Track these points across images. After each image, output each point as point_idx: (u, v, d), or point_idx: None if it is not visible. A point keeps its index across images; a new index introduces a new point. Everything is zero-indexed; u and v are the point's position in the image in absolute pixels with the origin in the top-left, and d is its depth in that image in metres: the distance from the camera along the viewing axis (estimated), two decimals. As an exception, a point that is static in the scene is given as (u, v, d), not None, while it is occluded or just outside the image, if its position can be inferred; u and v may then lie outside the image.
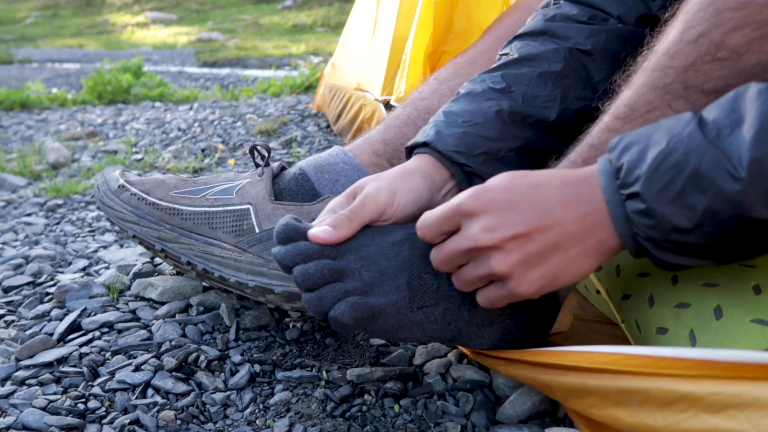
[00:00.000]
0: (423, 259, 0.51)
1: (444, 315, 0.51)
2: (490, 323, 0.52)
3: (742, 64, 0.43)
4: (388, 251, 0.51)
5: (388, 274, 0.50)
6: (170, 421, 0.55)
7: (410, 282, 0.50)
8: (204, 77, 5.55)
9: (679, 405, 0.37)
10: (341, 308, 0.48)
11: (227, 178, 0.71)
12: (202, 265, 0.67)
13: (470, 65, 0.76)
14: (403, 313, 0.49)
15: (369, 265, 0.50)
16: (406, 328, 0.50)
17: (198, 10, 15.77)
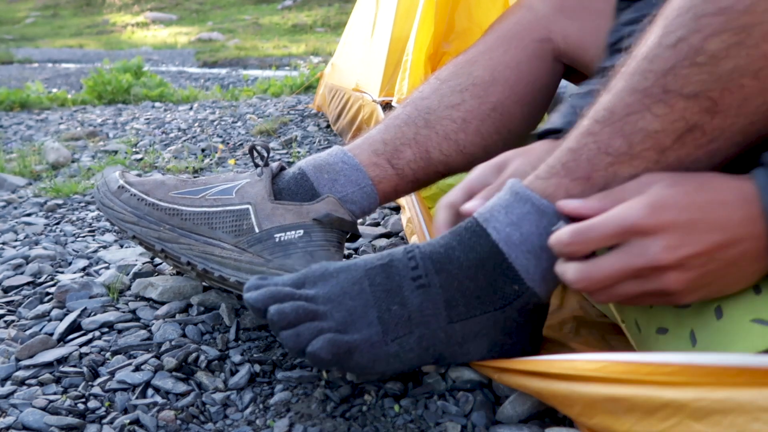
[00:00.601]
0: (386, 293, 0.52)
1: (420, 341, 0.51)
2: (474, 338, 0.52)
3: (721, 69, 0.43)
4: (350, 290, 0.52)
5: (357, 313, 0.51)
6: (170, 421, 0.55)
7: (380, 316, 0.51)
8: (204, 77, 5.55)
9: (663, 412, 0.37)
10: (318, 344, 0.49)
11: (226, 178, 0.71)
12: (202, 265, 0.67)
13: (471, 64, 0.76)
14: (378, 347, 0.51)
15: (337, 306, 0.52)
16: (382, 361, 0.51)
17: (198, 10, 15.77)
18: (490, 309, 0.52)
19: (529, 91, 0.76)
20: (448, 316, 0.51)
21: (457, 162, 0.74)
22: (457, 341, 0.52)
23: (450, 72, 0.77)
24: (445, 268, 0.52)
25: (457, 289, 0.51)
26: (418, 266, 0.52)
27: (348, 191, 0.69)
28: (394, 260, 0.53)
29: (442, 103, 0.74)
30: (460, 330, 0.52)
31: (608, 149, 0.48)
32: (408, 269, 0.53)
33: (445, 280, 0.51)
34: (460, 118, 0.73)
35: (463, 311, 0.52)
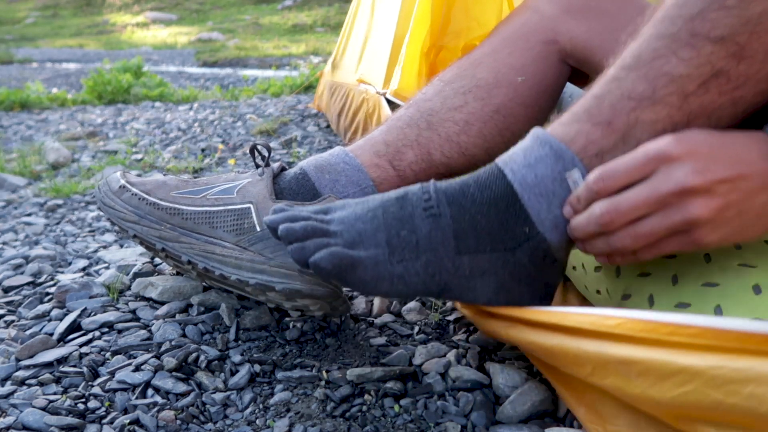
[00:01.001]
0: (397, 220, 0.53)
1: (426, 267, 0.52)
2: (481, 275, 0.52)
3: (750, 12, 0.43)
4: (363, 216, 0.54)
5: (367, 234, 0.53)
6: (170, 421, 0.55)
7: (389, 239, 0.52)
8: (204, 77, 5.54)
9: (679, 378, 0.36)
10: (321, 254, 0.50)
11: (228, 178, 0.71)
12: (203, 264, 0.67)
13: (475, 66, 0.76)
14: (383, 266, 0.51)
15: (348, 228, 0.53)
16: (385, 280, 0.52)
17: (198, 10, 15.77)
18: (500, 248, 0.52)
19: (533, 93, 0.76)
20: (456, 246, 0.52)
21: (459, 164, 0.74)
22: (464, 274, 0.52)
23: (454, 74, 0.77)
24: (457, 201, 0.53)
25: (468, 223, 0.52)
26: (431, 198, 0.53)
27: (349, 192, 0.69)
28: (409, 193, 0.55)
29: (445, 105, 0.74)
30: (468, 263, 0.52)
31: (631, 94, 0.48)
32: (421, 200, 0.54)
33: (457, 212, 0.52)
34: (462, 120, 0.73)
35: (472, 245, 0.52)
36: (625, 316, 0.40)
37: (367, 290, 0.53)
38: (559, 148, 0.50)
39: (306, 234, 0.52)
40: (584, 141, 0.50)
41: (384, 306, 0.76)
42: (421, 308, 0.76)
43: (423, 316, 0.74)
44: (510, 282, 0.53)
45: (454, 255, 0.52)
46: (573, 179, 0.49)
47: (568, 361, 0.46)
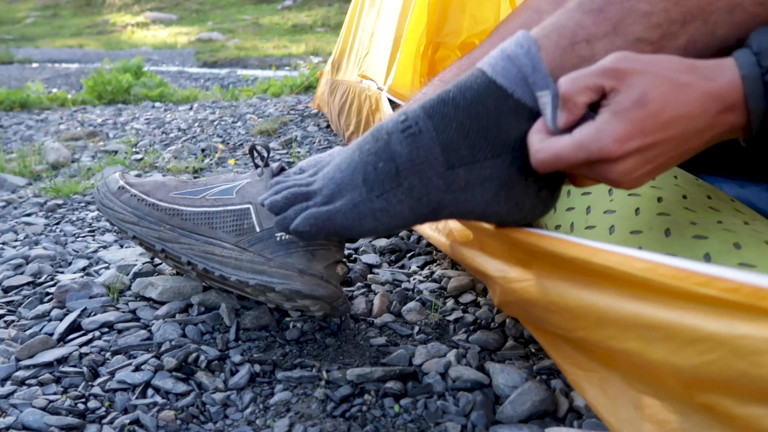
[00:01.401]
0: (373, 155, 0.50)
1: (410, 192, 0.49)
2: (481, 183, 0.49)
3: None
4: (341, 164, 0.53)
5: (344, 182, 0.51)
6: (170, 421, 0.55)
7: (365, 177, 0.50)
8: (204, 77, 5.54)
9: (703, 345, 0.35)
10: (298, 220, 0.51)
11: (227, 178, 0.71)
12: (203, 265, 0.67)
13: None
14: (362, 206, 0.50)
15: (328, 182, 0.53)
16: (369, 218, 0.50)
17: (198, 10, 15.77)
18: (503, 151, 0.49)
19: None
20: (446, 161, 0.49)
21: None
22: (460, 186, 0.49)
23: (454, 74, 0.77)
24: (439, 110, 0.49)
25: (457, 131, 0.49)
26: (407, 118, 0.50)
27: (348, 191, 0.69)
28: (383, 123, 0.52)
29: None
30: (464, 175, 0.49)
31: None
32: (397, 124, 0.50)
33: (441, 123, 0.49)
34: None
35: (467, 155, 0.49)
36: (657, 260, 0.39)
37: (354, 234, 0.51)
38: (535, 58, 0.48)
39: (287, 202, 0.53)
40: (573, 26, 0.48)
41: (384, 306, 0.76)
42: (421, 308, 0.76)
43: (423, 316, 0.74)
44: (516, 177, 0.50)
45: (444, 170, 0.49)
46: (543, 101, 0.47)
47: (589, 323, 0.44)
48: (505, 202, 0.50)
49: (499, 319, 0.73)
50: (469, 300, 0.78)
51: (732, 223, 0.56)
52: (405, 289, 0.81)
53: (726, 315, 0.35)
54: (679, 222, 0.55)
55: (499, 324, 0.72)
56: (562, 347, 0.52)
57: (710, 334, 0.35)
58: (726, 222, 0.56)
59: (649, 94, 0.42)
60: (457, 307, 0.77)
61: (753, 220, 0.59)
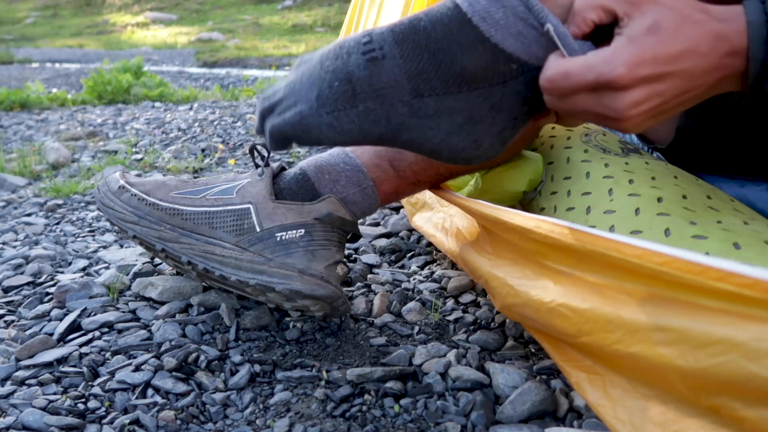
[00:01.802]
0: (330, 73, 0.49)
1: (365, 114, 0.49)
2: (450, 113, 0.49)
3: None
4: (303, 74, 0.52)
5: (301, 94, 0.51)
6: (170, 421, 0.55)
7: (319, 93, 0.50)
8: (204, 77, 5.54)
9: (715, 348, 0.35)
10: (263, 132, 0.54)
11: (227, 178, 0.71)
12: (203, 265, 0.67)
13: None
14: (309, 119, 0.50)
15: (289, 93, 0.52)
16: (315, 129, 0.50)
17: (198, 10, 15.77)
18: (478, 86, 0.48)
19: None
20: (414, 89, 0.48)
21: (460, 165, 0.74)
22: (427, 114, 0.49)
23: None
24: (409, 38, 0.47)
25: (428, 61, 0.47)
26: (371, 40, 0.48)
27: (349, 192, 0.69)
28: (347, 39, 0.50)
29: None
30: (434, 104, 0.48)
31: None
32: (359, 45, 0.49)
33: (410, 51, 0.47)
34: None
35: (438, 86, 0.48)
36: (675, 254, 0.39)
37: (302, 142, 0.52)
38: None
39: (261, 117, 0.54)
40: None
41: (384, 306, 0.76)
42: (421, 308, 0.76)
43: (423, 316, 0.74)
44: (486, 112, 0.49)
45: (411, 98, 0.48)
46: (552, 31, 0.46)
47: (598, 327, 0.44)
48: (465, 136, 0.50)
49: (499, 319, 0.73)
50: (469, 300, 0.78)
51: (731, 223, 0.56)
52: (405, 289, 0.81)
53: (740, 317, 0.35)
54: (678, 222, 0.55)
55: (499, 324, 0.72)
56: (564, 349, 0.52)
57: (724, 337, 0.35)
58: (725, 222, 0.56)
59: (661, 22, 0.43)
60: (457, 307, 0.77)
61: (752, 220, 0.59)
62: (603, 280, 0.45)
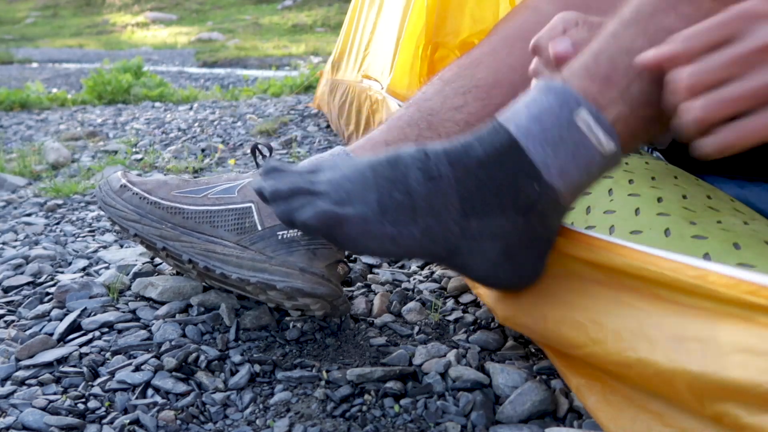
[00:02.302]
0: (389, 181, 0.50)
1: (426, 232, 0.50)
2: (491, 237, 0.51)
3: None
4: (351, 176, 0.51)
5: (355, 194, 0.50)
6: (170, 421, 0.55)
7: (380, 199, 0.50)
8: (204, 77, 5.54)
9: (731, 353, 0.36)
10: (308, 213, 0.49)
11: (229, 178, 0.71)
12: (204, 263, 0.67)
13: (475, 66, 0.76)
14: (372, 225, 0.49)
15: (336, 188, 0.51)
16: (375, 239, 0.50)
17: (198, 10, 15.77)
18: (510, 213, 0.50)
19: None
20: (462, 209, 0.50)
21: None
22: (473, 236, 0.51)
23: (453, 73, 0.76)
24: (461, 162, 0.50)
25: (474, 185, 0.50)
26: (429, 158, 0.51)
27: (348, 191, 0.68)
28: (402, 154, 0.52)
29: (445, 105, 0.73)
30: (476, 226, 0.50)
31: (630, 49, 0.47)
32: (417, 161, 0.51)
33: (462, 174, 0.50)
34: (462, 121, 0.73)
35: (479, 208, 0.50)
36: (709, 268, 0.39)
37: (356, 247, 0.51)
38: (563, 93, 0.48)
39: (292, 193, 0.51)
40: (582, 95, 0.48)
41: (384, 306, 0.76)
42: (421, 308, 0.76)
43: (423, 316, 0.74)
44: (517, 247, 0.52)
45: (460, 218, 0.50)
46: (582, 119, 0.47)
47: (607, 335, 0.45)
48: (507, 269, 0.53)
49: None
50: (469, 300, 0.78)
51: (731, 223, 0.56)
52: (405, 289, 0.81)
53: (760, 325, 0.36)
54: (678, 222, 0.55)
55: (499, 324, 0.72)
56: (565, 354, 0.52)
57: (739, 342, 0.36)
58: (725, 222, 0.56)
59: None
60: (457, 307, 0.77)
61: (752, 220, 0.59)
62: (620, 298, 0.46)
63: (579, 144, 0.48)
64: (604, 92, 0.47)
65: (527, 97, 0.51)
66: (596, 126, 0.47)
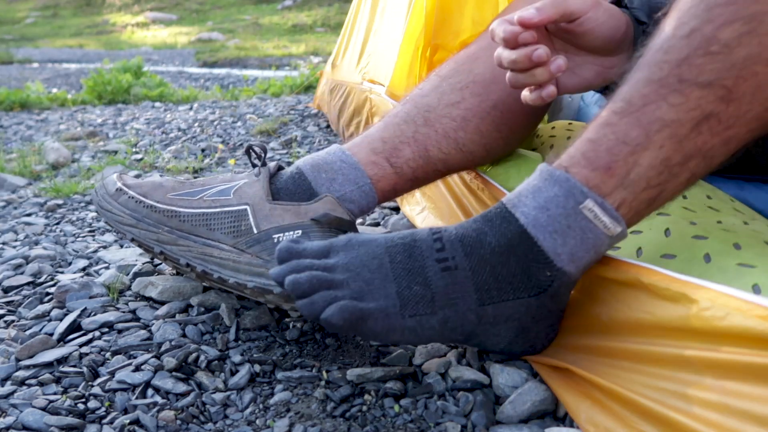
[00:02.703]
0: (407, 272, 0.52)
1: (444, 323, 0.52)
2: (505, 321, 0.53)
3: (734, 57, 0.44)
4: (369, 263, 0.53)
5: (375, 284, 0.52)
6: (170, 421, 0.55)
7: (400, 292, 0.52)
8: (204, 77, 5.54)
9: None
10: (332, 311, 0.50)
11: (224, 179, 0.71)
12: (201, 267, 0.67)
13: (472, 61, 0.75)
14: (393, 319, 0.51)
15: (355, 276, 0.53)
16: (397, 332, 0.52)
17: (198, 10, 15.76)
18: (524, 296, 0.52)
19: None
20: (479, 298, 0.52)
21: (457, 160, 0.74)
22: (489, 321, 0.53)
23: (450, 69, 0.76)
24: (476, 252, 0.52)
25: (489, 274, 0.52)
26: (444, 248, 0.53)
27: (346, 190, 0.68)
28: (417, 240, 0.54)
29: (442, 101, 0.73)
30: (492, 312, 0.53)
31: (626, 139, 0.48)
32: (432, 251, 0.53)
33: (477, 264, 0.52)
34: (459, 117, 0.73)
35: (495, 295, 0.52)
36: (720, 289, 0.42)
37: (378, 340, 0.54)
38: (567, 184, 0.50)
39: (312, 287, 0.52)
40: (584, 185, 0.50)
41: (384, 306, 0.76)
42: (421, 308, 0.76)
43: (423, 316, 0.74)
44: (531, 323, 0.54)
45: (477, 306, 0.52)
46: (588, 208, 0.49)
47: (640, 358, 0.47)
48: (522, 343, 0.56)
49: (498, 319, 0.73)
50: (468, 300, 0.78)
51: (731, 223, 0.56)
52: (405, 289, 0.81)
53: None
54: (678, 222, 0.55)
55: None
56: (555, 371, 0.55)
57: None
58: (726, 222, 0.56)
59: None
60: (456, 307, 0.77)
61: (752, 220, 0.59)
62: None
63: (586, 230, 0.50)
64: (606, 181, 0.49)
65: (531, 183, 0.53)
66: (602, 213, 0.49)
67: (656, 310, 0.47)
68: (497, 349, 0.57)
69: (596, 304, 0.54)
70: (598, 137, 0.50)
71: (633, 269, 0.50)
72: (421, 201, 0.99)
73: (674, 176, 0.48)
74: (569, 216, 0.50)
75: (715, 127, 0.46)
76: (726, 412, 0.40)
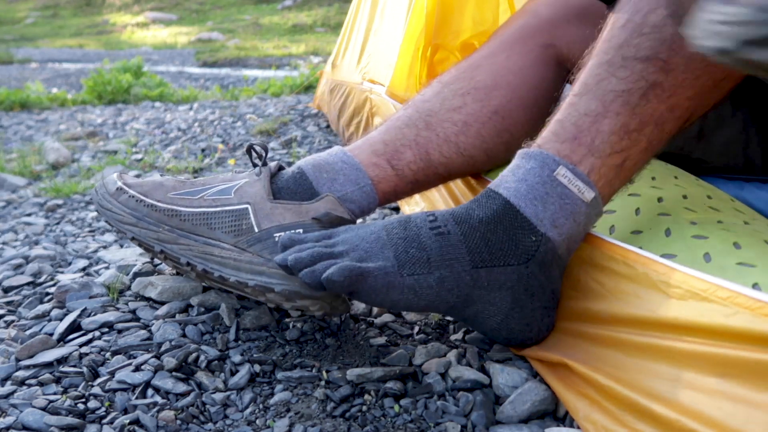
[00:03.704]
0: (403, 240, 0.56)
1: (441, 282, 0.55)
2: (498, 288, 0.56)
3: (663, 35, 0.53)
4: (367, 237, 0.57)
5: (373, 251, 0.56)
6: (170, 421, 0.55)
7: (397, 255, 0.55)
8: (204, 77, 5.55)
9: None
10: (332, 270, 0.53)
11: (225, 178, 0.71)
12: (202, 266, 0.67)
13: (474, 69, 0.77)
14: (392, 276, 0.54)
15: (354, 247, 0.57)
16: (395, 289, 0.55)
17: (198, 10, 15.76)
18: (513, 263, 0.56)
19: (531, 95, 0.76)
20: (471, 260, 0.55)
21: (457, 164, 0.74)
22: (483, 286, 0.56)
23: (452, 76, 0.77)
24: (465, 221, 0.57)
25: (480, 239, 0.56)
26: (436, 219, 0.57)
27: (347, 190, 0.69)
28: (412, 217, 0.58)
29: (444, 106, 0.74)
30: (486, 276, 0.56)
31: (587, 111, 0.55)
32: (426, 222, 0.57)
33: (468, 231, 0.56)
34: (461, 121, 0.74)
35: (487, 258, 0.56)
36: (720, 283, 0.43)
37: (379, 299, 0.55)
38: (540, 156, 0.56)
39: (314, 259, 0.55)
40: (555, 155, 0.56)
41: (384, 306, 0.76)
42: (421, 308, 0.76)
43: (423, 316, 0.74)
44: (524, 296, 0.57)
45: (470, 268, 0.55)
46: (562, 174, 0.55)
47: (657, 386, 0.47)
48: (519, 320, 0.58)
49: (499, 319, 0.73)
50: (469, 300, 0.78)
51: (732, 222, 0.56)
52: (405, 289, 0.81)
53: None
54: (679, 222, 0.55)
55: (499, 324, 0.72)
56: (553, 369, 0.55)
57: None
58: (726, 222, 0.56)
59: None
60: (457, 307, 0.77)
61: (753, 220, 0.59)
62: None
63: (563, 195, 0.55)
64: (575, 150, 0.55)
65: (511, 166, 0.59)
66: (575, 178, 0.54)
67: (657, 305, 0.47)
68: (494, 323, 0.58)
69: (598, 298, 0.54)
70: (563, 117, 0.57)
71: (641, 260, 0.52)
72: (420, 202, 0.99)
73: (635, 143, 0.54)
74: (546, 183, 0.55)
75: (660, 95, 0.53)
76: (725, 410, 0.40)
